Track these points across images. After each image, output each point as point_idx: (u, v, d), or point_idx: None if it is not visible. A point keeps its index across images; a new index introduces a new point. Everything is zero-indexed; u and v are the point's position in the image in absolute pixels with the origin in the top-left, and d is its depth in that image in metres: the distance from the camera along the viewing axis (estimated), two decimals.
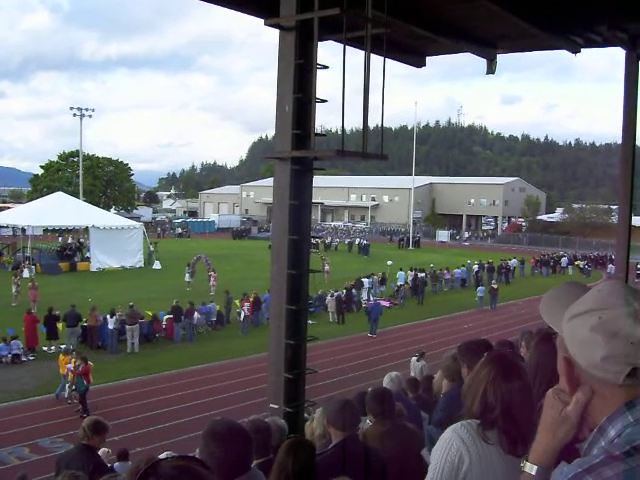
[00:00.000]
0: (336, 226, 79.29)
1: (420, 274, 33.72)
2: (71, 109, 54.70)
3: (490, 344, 3.96)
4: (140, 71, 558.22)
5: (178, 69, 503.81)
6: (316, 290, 25.06)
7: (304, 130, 5.78)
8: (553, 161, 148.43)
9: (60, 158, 75.09)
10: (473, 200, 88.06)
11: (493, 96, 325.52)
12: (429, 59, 8.42)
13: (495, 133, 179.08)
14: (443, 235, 72.35)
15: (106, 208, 61.54)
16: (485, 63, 7.94)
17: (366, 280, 31.56)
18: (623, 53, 8.01)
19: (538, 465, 1.48)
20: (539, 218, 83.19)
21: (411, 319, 27.81)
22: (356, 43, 5.57)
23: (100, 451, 6.82)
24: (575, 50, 7.53)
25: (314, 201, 6.32)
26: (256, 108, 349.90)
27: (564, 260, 49.68)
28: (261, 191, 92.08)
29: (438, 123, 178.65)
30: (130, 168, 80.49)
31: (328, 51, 6.44)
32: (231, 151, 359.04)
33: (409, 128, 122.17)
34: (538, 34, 6.89)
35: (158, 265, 39.87)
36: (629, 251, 9.04)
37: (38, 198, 50.24)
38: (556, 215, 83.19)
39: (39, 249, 39.84)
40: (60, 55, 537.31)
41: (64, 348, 18.19)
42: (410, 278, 33.56)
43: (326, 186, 78.31)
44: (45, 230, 42.81)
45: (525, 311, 28.64)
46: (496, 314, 29.86)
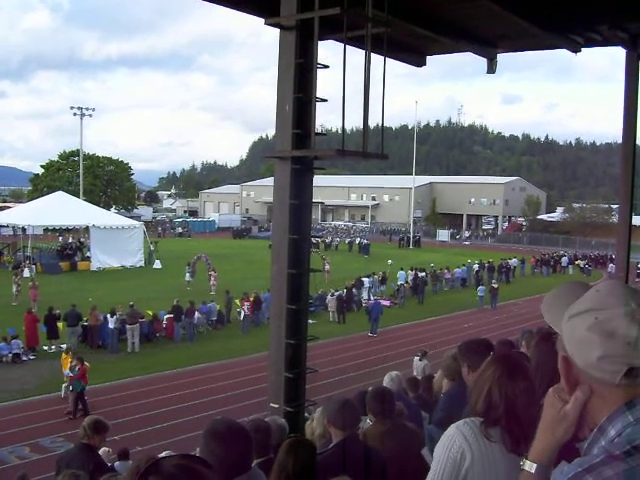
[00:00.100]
0: (336, 225, 79.28)
1: (420, 274, 33.76)
2: (71, 108, 54.79)
3: (490, 343, 3.96)
4: (140, 71, 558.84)
5: (178, 69, 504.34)
6: (316, 289, 25.07)
7: (304, 129, 5.78)
8: (553, 161, 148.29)
9: (60, 157, 75.13)
10: (473, 200, 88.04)
11: (494, 96, 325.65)
12: (429, 58, 8.42)
13: (495, 133, 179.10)
14: (443, 235, 72.32)
15: (106, 207, 61.55)
16: (485, 62, 7.94)
17: (366, 279, 31.59)
18: (624, 53, 8.02)
19: (537, 463, 1.48)
20: (539, 217, 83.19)
21: (411, 318, 27.80)
22: (356, 42, 5.57)
23: (100, 450, 6.83)
24: (575, 49, 7.53)
25: (314, 200, 6.33)
26: (256, 108, 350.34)
27: (564, 259, 49.72)
28: (261, 190, 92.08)
29: (438, 122, 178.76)
30: (130, 167, 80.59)
31: (328, 50, 6.44)
32: (231, 150, 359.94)
33: (409, 127, 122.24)
34: (538, 33, 6.89)
35: (158, 264, 39.89)
36: (629, 250, 9.05)
37: (38, 197, 50.18)
38: (556, 215, 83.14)
39: (39, 248, 39.88)
40: (60, 55, 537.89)
41: (65, 347, 18.19)
42: (410, 278, 33.60)
43: (326, 185, 78.31)
44: (45, 229, 42.82)
45: (525, 310, 28.66)
46: (496, 313, 29.86)
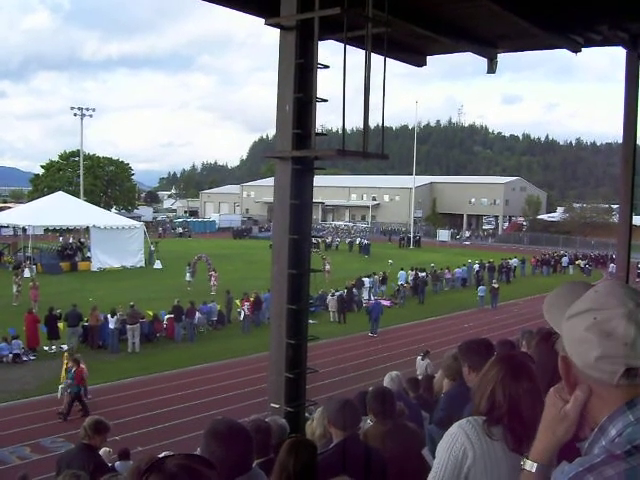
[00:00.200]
0: (337, 226, 79.22)
1: (421, 274, 33.77)
2: (72, 109, 54.84)
3: (491, 344, 3.96)
4: (140, 71, 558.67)
5: (178, 69, 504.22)
6: (317, 290, 25.07)
7: (305, 130, 5.78)
8: (554, 160, 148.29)
9: (61, 158, 75.14)
10: (474, 199, 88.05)
11: (494, 96, 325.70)
12: (430, 58, 8.42)
13: (496, 132, 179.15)
14: (444, 234, 72.34)
15: (107, 208, 61.59)
16: (486, 62, 7.94)
17: (367, 279, 31.60)
18: (624, 53, 8.02)
19: (538, 463, 1.48)
20: (540, 217, 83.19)
21: (412, 318, 27.79)
22: (357, 42, 5.56)
23: (101, 451, 6.82)
24: (576, 49, 7.52)
25: (315, 201, 6.32)
26: (256, 108, 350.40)
27: (565, 259, 49.72)
28: (262, 191, 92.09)
29: (439, 122, 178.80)
30: (131, 168, 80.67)
31: (329, 50, 6.43)
32: (232, 151, 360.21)
33: (410, 127, 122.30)
34: (539, 33, 6.88)
35: (159, 265, 39.89)
36: (630, 250, 9.05)
37: (39, 198, 50.21)
38: (557, 214, 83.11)
39: (40, 249, 39.88)
40: (61, 55, 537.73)
41: (66, 348, 18.18)
42: (411, 278, 33.61)
43: (327, 186, 78.33)
44: (46, 230, 42.81)
45: (526, 310, 28.66)
46: (497, 313, 29.86)
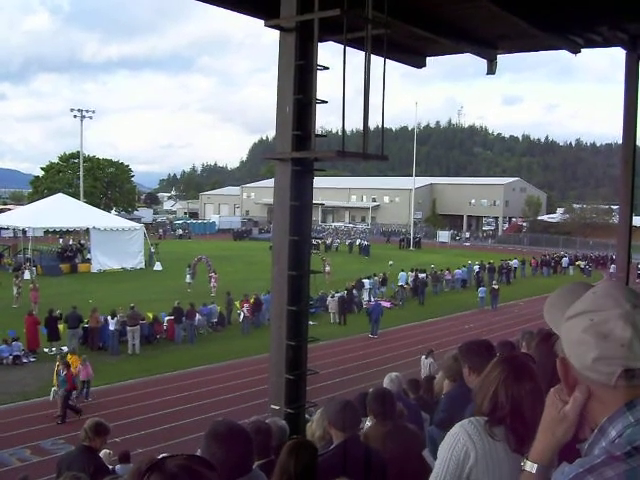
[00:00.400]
0: (337, 227, 79.31)
1: (421, 275, 33.78)
2: (72, 111, 54.81)
3: (491, 345, 3.96)
4: (141, 72, 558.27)
5: (178, 70, 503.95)
6: (317, 291, 25.06)
7: (304, 131, 5.78)
8: (554, 161, 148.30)
9: (61, 160, 75.16)
10: (474, 200, 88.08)
11: (494, 97, 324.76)
12: (429, 59, 8.41)
13: (496, 133, 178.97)
14: (444, 236, 72.32)
15: (107, 209, 61.62)
16: (485, 64, 7.94)
17: (367, 281, 31.59)
18: (623, 53, 8.02)
19: (538, 463, 1.49)
20: (540, 218, 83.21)
21: (412, 320, 27.80)
22: (356, 44, 5.56)
23: (101, 453, 6.83)
24: (575, 50, 7.53)
25: (315, 202, 6.32)
26: (256, 109, 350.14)
27: (565, 260, 49.72)
28: (262, 192, 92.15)
29: (439, 124, 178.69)
30: (131, 169, 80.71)
31: (328, 52, 6.45)
32: (231, 152, 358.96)
33: (409, 129, 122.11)
34: (538, 34, 6.88)
35: (159, 266, 39.89)
36: (630, 251, 9.05)
37: (39, 200, 50.23)
38: (557, 215, 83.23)
39: (40, 251, 39.87)
40: (61, 57, 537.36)
41: (69, 349, 18.15)
42: (411, 279, 33.62)
43: (327, 187, 78.31)
44: (46, 232, 42.74)
45: (526, 311, 28.68)
46: (497, 314, 29.86)
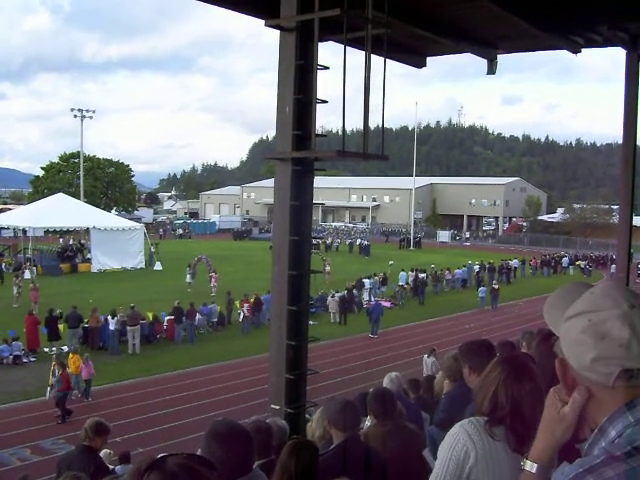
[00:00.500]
0: (337, 227, 79.26)
1: (421, 274, 33.77)
2: (72, 110, 54.80)
3: (491, 344, 3.95)
4: (141, 72, 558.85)
5: (179, 70, 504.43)
6: (317, 291, 25.07)
7: (305, 131, 5.78)
8: (554, 161, 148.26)
9: (61, 159, 75.09)
10: (474, 200, 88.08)
11: (494, 96, 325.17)
12: (429, 59, 8.42)
13: (496, 133, 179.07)
14: (444, 235, 72.33)
15: (107, 209, 61.56)
16: (486, 63, 7.94)
17: (367, 281, 31.58)
18: (624, 53, 8.02)
19: (538, 463, 1.49)
20: (540, 218, 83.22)
21: (412, 319, 27.79)
22: (356, 44, 5.56)
23: (102, 452, 6.83)
24: (575, 50, 7.53)
25: (315, 202, 6.32)
26: (256, 109, 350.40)
27: (565, 260, 49.72)
28: (262, 192, 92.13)
29: (439, 123, 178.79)
30: (131, 169, 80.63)
31: (329, 52, 6.44)
32: (232, 152, 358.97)
33: (410, 128, 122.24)
34: (538, 34, 6.88)
35: (159, 266, 39.89)
36: (630, 251, 9.05)
37: (39, 199, 50.20)
38: (557, 215, 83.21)
39: (40, 250, 39.87)
40: (61, 56, 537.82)
41: (70, 349, 18.14)
42: (411, 279, 33.61)
43: (327, 187, 78.34)
44: (46, 231, 42.78)
45: (526, 311, 28.66)
46: (497, 314, 29.84)
